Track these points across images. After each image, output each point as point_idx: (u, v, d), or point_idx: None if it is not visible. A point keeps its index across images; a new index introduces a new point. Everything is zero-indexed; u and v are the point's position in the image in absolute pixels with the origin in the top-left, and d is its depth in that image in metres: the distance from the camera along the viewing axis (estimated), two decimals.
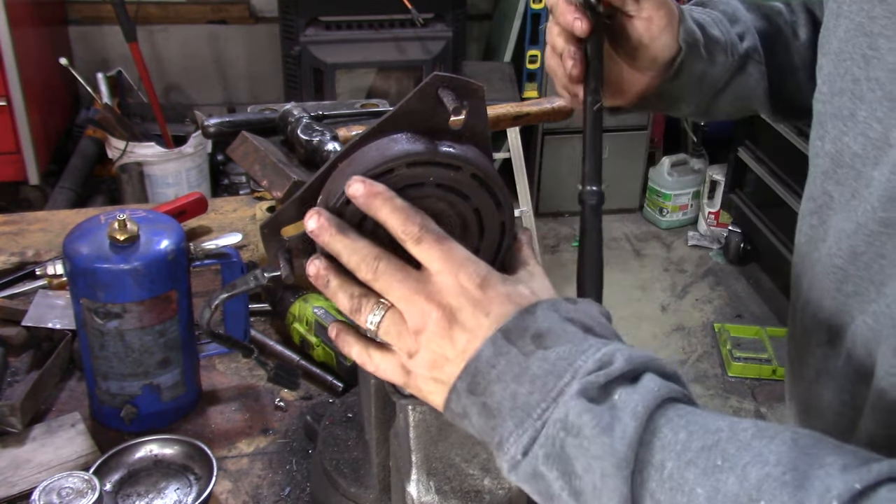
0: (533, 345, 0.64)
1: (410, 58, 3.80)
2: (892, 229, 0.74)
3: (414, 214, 0.69)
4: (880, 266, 0.76)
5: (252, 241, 1.68)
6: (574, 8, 0.87)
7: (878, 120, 0.76)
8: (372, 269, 0.68)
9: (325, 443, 1.10)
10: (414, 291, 0.67)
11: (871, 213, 0.76)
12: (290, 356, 1.38)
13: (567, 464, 0.60)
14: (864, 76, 0.78)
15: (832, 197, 0.83)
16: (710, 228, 4.24)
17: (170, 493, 1.11)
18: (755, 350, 3.37)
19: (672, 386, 0.62)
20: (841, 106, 0.81)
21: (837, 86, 0.82)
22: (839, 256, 0.81)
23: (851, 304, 0.80)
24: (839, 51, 0.82)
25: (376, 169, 0.75)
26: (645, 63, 0.95)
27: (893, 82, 0.74)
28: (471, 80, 0.77)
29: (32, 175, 3.46)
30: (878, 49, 0.76)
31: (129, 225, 1.15)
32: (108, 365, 1.19)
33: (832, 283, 0.82)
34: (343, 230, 0.70)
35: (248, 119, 0.99)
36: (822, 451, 0.55)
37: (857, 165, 0.79)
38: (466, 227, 0.82)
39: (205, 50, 4.28)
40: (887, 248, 0.75)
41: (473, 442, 0.88)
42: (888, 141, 0.75)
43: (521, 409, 0.62)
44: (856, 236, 0.78)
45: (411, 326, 0.68)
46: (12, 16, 3.19)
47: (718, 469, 0.56)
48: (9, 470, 1.14)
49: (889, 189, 0.74)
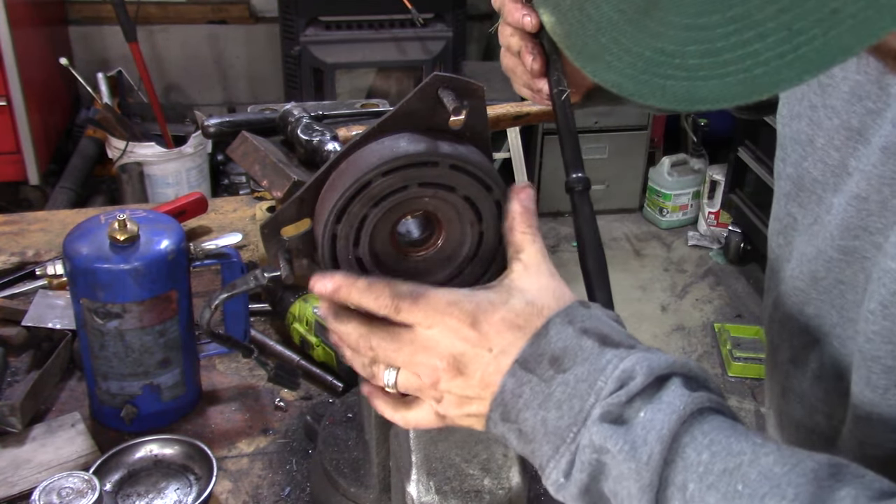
0: (552, 369, 0.64)
1: (410, 58, 3.80)
2: (850, 256, 0.75)
3: (381, 287, 0.69)
4: (840, 291, 0.77)
5: (252, 241, 1.68)
6: (520, 5, 0.87)
7: (835, 148, 0.77)
8: (367, 346, 0.70)
9: (325, 443, 1.10)
10: (412, 353, 0.68)
11: (829, 240, 0.77)
12: (290, 356, 1.38)
13: (599, 484, 0.62)
14: (820, 103, 0.79)
15: (795, 219, 0.84)
16: (710, 228, 4.24)
17: (170, 493, 1.11)
18: (755, 350, 3.37)
19: (697, 396, 0.61)
20: (799, 130, 0.82)
21: (796, 109, 0.83)
22: (801, 279, 0.82)
23: (814, 326, 0.81)
24: None
25: (378, 169, 0.75)
26: None
27: (849, 112, 0.75)
28: (471, 80, 0.77)
29: (32, 175, 3.46)
30: (833, 77, 0.77)
31: (129, 225, 1.15)
32: (108, 365, 1.19)
33: (795, 305, 0.84)
34: (338, 316, 0.72)
35: (248, 119, 1.00)
36: (839, 484, 0.55)
37: (818, 190, 0.80)
38: (466, 227, 0.82)
39: (205, 50, 4.28)
40: (846, 274, 0.76)
41: (474, 442, 0.88)
42: (846, 169, 0.76)
43: (553, 434, 0.63)
44: (816, 261, 0.79)
45: (425, 381, 0.69)
46: (12, 16, 3.19)
47: (738, 495, 0.56)
48: (9, 470, 1.14)
49: (846, 218, 0.75)
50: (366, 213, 0.76)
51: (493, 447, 0.89)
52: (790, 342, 0.86)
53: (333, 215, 0.76)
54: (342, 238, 0.77)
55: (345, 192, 0.75)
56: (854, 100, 0.75)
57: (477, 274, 0.84)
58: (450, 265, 0.84)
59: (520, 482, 0.91)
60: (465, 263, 0.83)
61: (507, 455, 0.90)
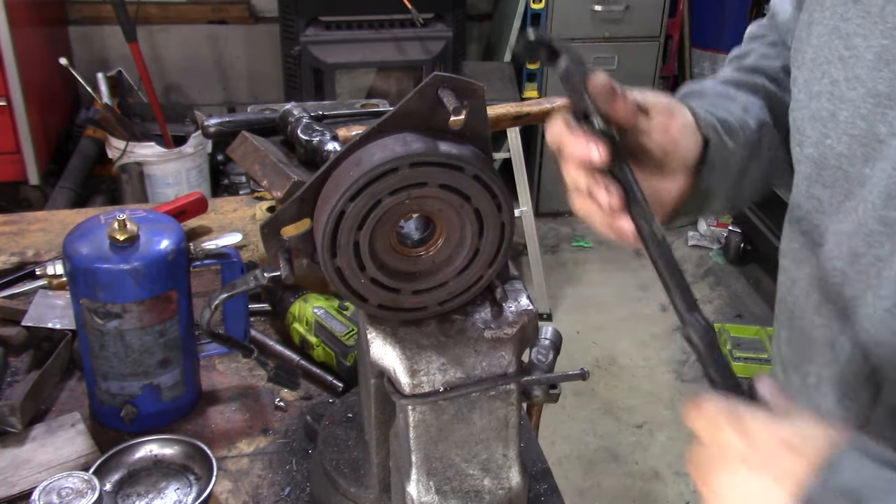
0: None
1: (410, 58, 3.80)
2: (891, 228, 0.74)
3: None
4: (877, 269, 0.76)
5: (252, 241, 1.68)
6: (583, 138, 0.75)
7: (861, 117, 0.76)
8: None
9: (325, 443, 1.10)
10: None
11: (870, 210, 0.76)
12: (290, 356, 1.38)
13: None
14: (842, 76, 0.78)
15: (821, 200, 0.83)
16: (710, 228, 4.23)
17: (170, 493, 1.11)
18: (755, 350, 3.37)
19: None
20: (819, 108, 0.81)
21: (815, 90, 0.82)
22: (839, 259, 0.81)
23: (851, 306, 0.80)
24: (814, 57, 0.82)
25: (380, 168, 0.75)
26: (675, 168, 0.86)
27: (875, 79, 0.75)
28: (471, 80, 0.78)
29: (32, 175, 3.46)
30: (855, 48, 0.77)
31: (129, 225, 1.15)
32: (108, 365, 1.19)
33: (834, 286, 0.82)
34: None
35: (248, 119, 1.00)
36: None
37: (844, 165, 0.79)
38: (466, 227, 0.82)
39: (205, 50, 4.28)
40: (885, 248, 0.75)
41: (474, 442, 0.88)
42: (877, 136, 0.75)
43: None
44: (855, 237, 0.78)
45: None
46: (12, 16, 3.19)
47: None
48: (9, 470, 1.14)
49: (889, 186, 0.74)
50: (379, 200, 0.76)
51: (493, 447, 0.89)
52: (827, 328, 0.84)
53: (349, 193, 0.75)
54: (349, 217, 0.76)
55: (368, 171, 0.75)
56: (881, 65, 0.74)
57: (476, 275, 0.84)
58: (449, 265, 0.84)
59: (520, 482, 0.91)
60: (464, 264, 0.83)
61: (507, 455, 0.90)
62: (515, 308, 0.88)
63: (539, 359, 1.16)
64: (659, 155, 0.83)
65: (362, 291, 0.81)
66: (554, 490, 1.15)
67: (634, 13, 3.96)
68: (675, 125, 0.83)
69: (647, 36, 4.04)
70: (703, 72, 4.39)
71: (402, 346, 0.84)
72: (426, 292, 0.83)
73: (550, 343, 1.19)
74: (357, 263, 0.79)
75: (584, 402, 3.15)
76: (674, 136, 0.83)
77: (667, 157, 0.84)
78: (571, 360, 3.07)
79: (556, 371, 1.15)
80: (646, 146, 0.82)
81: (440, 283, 0.83)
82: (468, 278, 0.84)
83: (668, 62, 4.35)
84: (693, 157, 0.86)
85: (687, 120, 0.84)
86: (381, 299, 0.83)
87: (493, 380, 0.85)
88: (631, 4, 3.93)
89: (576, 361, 2.87)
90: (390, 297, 0.83)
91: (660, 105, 0.81)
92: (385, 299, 0.83)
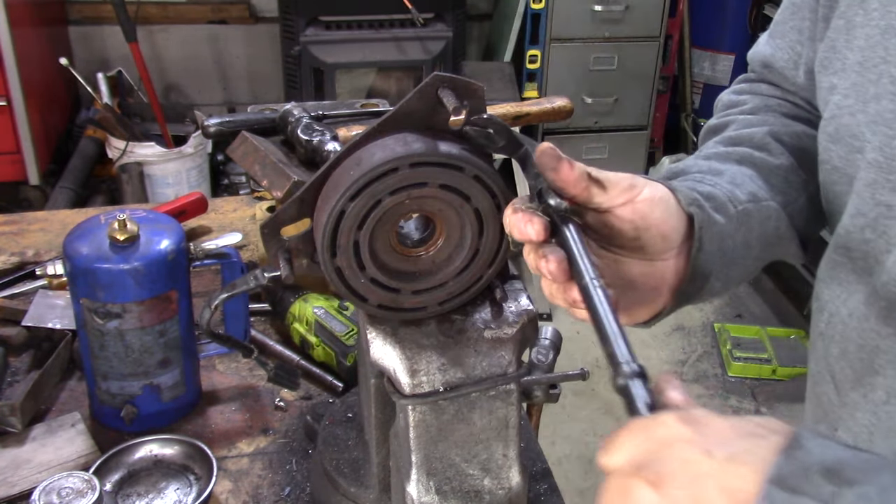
0: (831, 484, 0.49)
1: (410, 58, 3.80)
2: None
3: None
4: None
5: (252, 241, 1.68)
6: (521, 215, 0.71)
7: None
8: None
9: (325, 443, 1.10)
10: None
11: None
12: (290, 356, 1.38)
13: None
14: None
15: (890, 206, 0.78)
16: None
17: (170, 493, 1.11)
18: (755, 350, 3.37)
19: None
20: (881, 110, 0.77)
21: (871, 92, 0.79)
22: None
23: None
24: (863, 59, 0.80)
25: (380, 168, 0.75)
26: (659, 250, 0.80)
27: None
28: (471, 80, 0.78)
29: (32, 175, 3.46)
30: None
31: (129, 225, 1.15)
32: (108, 365, 1.19)
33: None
34: None
35: (248, 119, 1.00)
36: None
37: None
38: (466, 227, 0.82)
39: (205, 50, 4.28)
40: None
41: (474, 442, 0.88)
42: None
43: None
44: None
45: None
46: (12, 16, 3.19)
47: None
48: (9, 470, 1.14)
49: None
50: (379, 200, 0.76)
51: (493, 447, 0.89)
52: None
53: (349, 193, 0.75)
54: (349, 217, 0.76)
55: (372, 169, 0.75)
56: None
57: (475, 275, 0.84)
58: (449, 265, 0.84)
59: (520, 482, 0.91)
60: (464, 264, 0.83)
61: (507, 455, 0.90)
62: (515, 308, 0.88)
63: (539, 359, 1.16)
64: (631, 234, 0.77)
65: (362, 291, 0.81)
66: (554, 490, 1.15)
67: (634, 13, 3.96)
68: (642, 200, 0.76)
69: (647, 36, 4.04)
70: (703, 71, 4.39)
71: (402, 346, 0.84)
72: (426, 292, 0.83)
73: (550, 343, 1.19)
74: (357, 263, 0.79)
75: (584, 402, 3.15)
76: (642, 211, 0.76)
77: (641, 237, 0.78)
78: (571, 360, 3.07)
79: (556, 371, 1.16)
80: (613, 225, 0.77)
81: (440, 283, 0.83)
82: (468, 278, 0.84)
83: (668, 62, 4.34)
84: (678, 236, 0.80)
85: (657, 196, 0.78)
86: (381, 299, 0.83)
87: (493, 380, 0.85)
88: (631, 4, 3.93)
89: (576, 361, 2.87)
90: (390, 297, 0.83)
91: (618, 180, 0.76)
92: (385, 299, 0.83)
